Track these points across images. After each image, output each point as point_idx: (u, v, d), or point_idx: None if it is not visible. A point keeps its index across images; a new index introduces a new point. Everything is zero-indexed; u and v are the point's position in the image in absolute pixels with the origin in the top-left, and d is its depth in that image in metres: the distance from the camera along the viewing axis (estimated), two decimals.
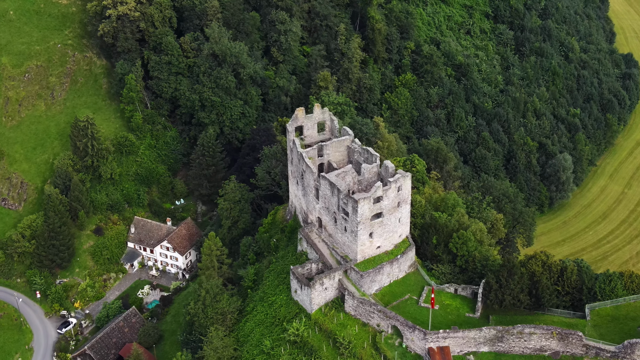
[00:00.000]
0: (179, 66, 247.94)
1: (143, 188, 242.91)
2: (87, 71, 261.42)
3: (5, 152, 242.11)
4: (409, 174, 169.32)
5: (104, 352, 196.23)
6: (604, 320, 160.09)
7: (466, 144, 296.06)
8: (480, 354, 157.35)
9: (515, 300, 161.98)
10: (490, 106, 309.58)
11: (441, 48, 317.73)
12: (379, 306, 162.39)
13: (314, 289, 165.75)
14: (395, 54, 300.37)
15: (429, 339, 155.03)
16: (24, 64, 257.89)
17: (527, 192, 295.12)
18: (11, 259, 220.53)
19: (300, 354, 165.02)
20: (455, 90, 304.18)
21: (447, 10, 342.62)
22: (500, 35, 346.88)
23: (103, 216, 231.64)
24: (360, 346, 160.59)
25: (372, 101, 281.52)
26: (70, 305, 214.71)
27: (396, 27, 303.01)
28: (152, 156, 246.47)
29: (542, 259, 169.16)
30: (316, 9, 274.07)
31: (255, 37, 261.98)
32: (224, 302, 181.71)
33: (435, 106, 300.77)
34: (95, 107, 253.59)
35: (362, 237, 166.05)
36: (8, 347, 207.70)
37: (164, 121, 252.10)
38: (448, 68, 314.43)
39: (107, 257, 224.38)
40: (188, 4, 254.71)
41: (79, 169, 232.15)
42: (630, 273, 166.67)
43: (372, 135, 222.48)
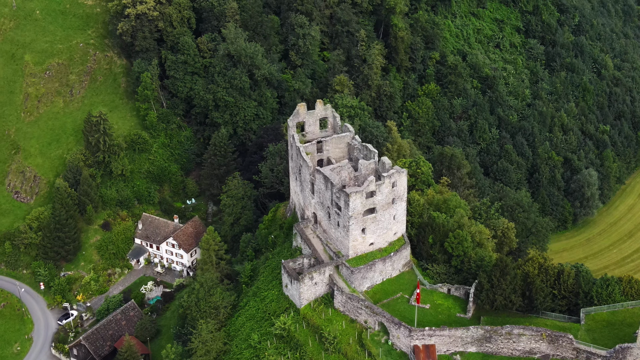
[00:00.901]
0: (195, 66, 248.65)
1: (154, 186, 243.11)
2: (107, 70, 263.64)
3: (22, 147, 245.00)
4: (404, 170, 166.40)
5: (99, 344, 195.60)
6: (599, 325, 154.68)
7: (488, 156, 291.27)
8: (467, 355, 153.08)
9: (507, 301, 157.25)
10: (515, 119, 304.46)
11: (467, 60, 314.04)
12: (367, 302, 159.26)
13: (303, 284, 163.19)
14: (420, 63, 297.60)
15: (414, 336, 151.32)
16: (46, 61, 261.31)
17: (550, 207, 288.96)
18: (18, 250, 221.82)
19: (286, 348, 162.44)
20: (479, 102, 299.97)
21: (477, 23, 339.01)
22: (530, 49, 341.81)
23: (112, 211, 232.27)
24: (346, 342, 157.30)
25: (393, 109, 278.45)
26: (72, 298, 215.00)
27: (421, 37, 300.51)
28: (165, 155, 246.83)
29: (539, 262, 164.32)
30: (337, 14, 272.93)
31: (274, 40, 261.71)
32: (217, 296, 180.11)
33: (459, 117, 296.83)
34: (112, 105, 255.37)
35: (354, 232, 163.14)
36: (8, 336, 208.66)
37: (179, 121, 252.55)
38: (474, 80, 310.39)
39: (112, 252, 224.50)
40: (207, 5, 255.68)
41: (90, 164, 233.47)
42: (629, 278, 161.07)
43: (382, 138, 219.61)
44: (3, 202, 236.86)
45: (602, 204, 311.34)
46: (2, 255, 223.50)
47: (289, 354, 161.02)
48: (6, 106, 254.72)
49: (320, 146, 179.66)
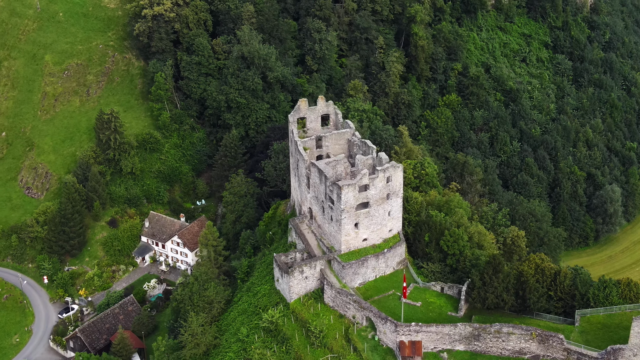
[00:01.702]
0: (209, 67, 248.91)
1: (164, 186, 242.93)
2: (125, 71, 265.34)
3: (36, 144, 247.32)
4: (400, 165, 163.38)
5: (95, 337, 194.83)
6: (594, 327, 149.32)
7: (509, 169, 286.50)
8: (455, 353, 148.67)
9: (499, 299, 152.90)
10: (538, 133, 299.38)
11: (491, 72, 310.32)
12: (355, 296, 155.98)
13: (293, 277, 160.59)
14: (441, 74, 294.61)
15: (400, 332, 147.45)
16: (65, 62, 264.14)
17: (571, 222, 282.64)
18: (24, 244, 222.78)
19: (273, 342, 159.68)
20: (501, 114, 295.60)
21: (504, 37, 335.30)
22: (558, 65, 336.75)
23: (119, 209, 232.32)
24: (332, 337, 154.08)
25: (411, 118, 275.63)
26: (74, 292, 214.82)
27: (444, 47, 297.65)
28: (176, 155, 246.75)
29: (536, 262, 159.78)
30: (356, 21, 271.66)
31: (290, 45, 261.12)
32: (211, 290, 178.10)
33: (479, 129, 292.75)
34: (127, 105, 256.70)
35: (347, 226, 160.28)
36: (9, 328, 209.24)
37: (193, 122, 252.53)
38: (497, 93, 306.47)
39: (117, 249, 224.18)
40: (223, 8, 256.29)
41: (100, 161, 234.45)
42: (627, 281, 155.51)
43: (392, 141, 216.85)
44: (15, 197, 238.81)
45: (627, 221, 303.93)
46: (9, 248, 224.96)
47: (275, 348, 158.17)
48: (24, 104, 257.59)
49: (319, 142, 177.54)
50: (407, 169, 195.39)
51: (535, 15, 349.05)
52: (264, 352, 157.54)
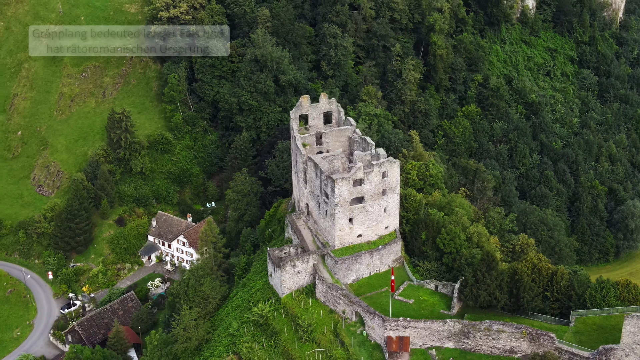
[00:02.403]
0: (223, 69, 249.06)
1: (174, 187, 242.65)
2: (141, 74, 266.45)
3: (50, 143, 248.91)
4: (397, 161, 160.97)
5: (92, 331, 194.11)
6: (589, 328, 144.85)
7: (527, 182, 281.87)
8: (444, 350, 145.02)
9: (492, 297, 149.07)
10: (559, 146, 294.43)
11: (513, 85, 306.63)
12: (345, 291, 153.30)
13: (284, 271, 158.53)
14: (461, 84, 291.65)
15: (387, 327, 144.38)
16: (83, 63, 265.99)
17: (590, 237, 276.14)
18: (31, 239, 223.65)
19: (262, 336, 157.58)
20: (522, 126, 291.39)
21: (529, 51, 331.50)
22: (583, 79, 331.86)
23: (128, 208, 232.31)
24: (321, 331, 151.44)
25: (428, 127, 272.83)
26: (78, 289, 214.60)
27: (465, 58, 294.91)
28: (188, 157, 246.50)
29: (534, 262, 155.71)
30: (374, 28, 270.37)
31: (306, 50, 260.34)
32: (207, 286, 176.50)
33: (499, 140, 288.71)
34: (142, 107, 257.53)
35: (341, 221, 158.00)
36: (11, 322, 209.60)
37: (206, 124, 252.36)
38: (519, 106, 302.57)
39: (123, 247, 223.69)
40: (239, 12, 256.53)
41: (111, 160, 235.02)
42: (626, 283, 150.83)
43: (401, 145, 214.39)
44: (26, 194, 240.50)
45: None
46: (16, 244, 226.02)
47: (263, 342, 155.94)
48: (41, 105, 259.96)
49: (320, 139, 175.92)
50: (411, 170, 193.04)
51: (561, 29, 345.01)
52: (252, 346, 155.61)
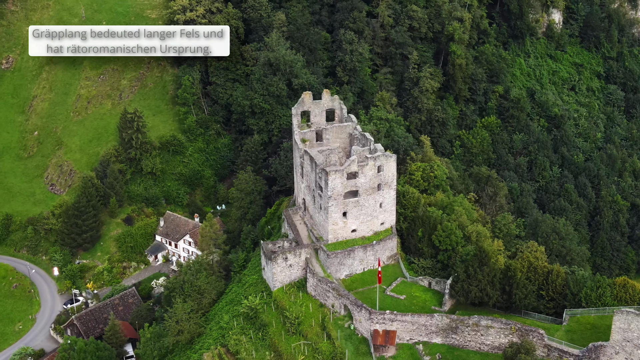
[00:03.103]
0: (236, 73, 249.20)
1: (185, 188, 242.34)
2: (159, 78, 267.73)
3: (65, 143, 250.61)
4: (393, 155, 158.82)
5: (91, 325, 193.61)
6: (583, 327, 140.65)
7: (547, 195, 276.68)
8: (431, 345, 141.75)
9: (483, 293, 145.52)
10: (581, 160, 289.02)
11: (536, 98, 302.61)
12: (334, 284, 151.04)
13: (276, 264, 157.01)
14: (481, 95, 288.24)
15: (374, 319, 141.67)
16: (102, 67, 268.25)
17: (610, 253, 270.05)
18: (39, 236, 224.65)
19: (251, 329, 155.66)
20: (543, 139, 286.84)
21: (554, 65, 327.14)
22: (609, 95, 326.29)
23: (137, 207, 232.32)
24: (308, 324, 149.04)
25: (446, 137, 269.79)
26: (82, 285, 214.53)
27: (486, 69, 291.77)
28: (200, 159, 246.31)
29: (530, 260, 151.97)
30: (391, 35, 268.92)
31: (321, 55, 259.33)
32: (202, 280, 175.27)
33: (518, 153, 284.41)
34: (157, 109, 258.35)
35: (334, 215, 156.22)
36: (13, 315, 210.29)
37: (219, 128, 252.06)
38: (541, 119, 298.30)
39: (130, 246, 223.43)
40: (255, 16, 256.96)
41: (122, 160, 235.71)
42: (624, 282, 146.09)
43: (410, 148, 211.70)
44: (38, 192, 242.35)
45: None
46: (25, 240, 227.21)
47: (251, 334, 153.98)
48: (59, 106, 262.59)
49: (320, 135, 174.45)
50: (415, 171, 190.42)
51: (588, 45, 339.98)
52: (240, 338, 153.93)
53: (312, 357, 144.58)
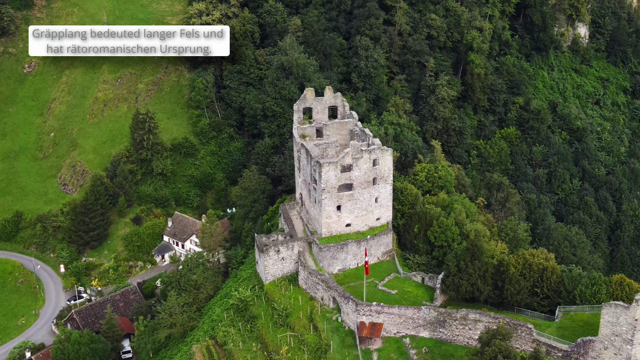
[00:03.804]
0: (250, 76, 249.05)
1: (195, 190, 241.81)
2: (175, 82, 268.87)
3: (79, 144, 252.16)
4: (389, 149, 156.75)
5: (90, 320, 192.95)
6: (576, 324, 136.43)
7: (566, 207, 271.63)
8: (419, 339, 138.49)
9: (474, 288, 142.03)
10: (603, 173, 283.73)
11: (558, 110, 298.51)
12: (324, 276, 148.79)
13: (267, 256, 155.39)
14: (501, 106, 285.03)
15: (360, 311, 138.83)
16: (120, 70, 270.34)
17: (631, 268, 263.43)
18: (47, 233, 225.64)
19: (241, 320, 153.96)
20: (563, 151, 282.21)
21: (579, 79, 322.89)
22: (635, 110, 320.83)
23: (146, 207, 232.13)
24: (297, 316, 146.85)
25: (462, 146, 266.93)
26: (87, 282, 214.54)
27: (506, 80, 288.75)
28: (212, 162, 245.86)
29: (526, 257, 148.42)
30: (408, 43, 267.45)
31: (336, 61, 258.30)
32: (198, 274, 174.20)
33: (538, 164, 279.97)
34: (172, 112, 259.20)
35: (328, 208, 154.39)
36: (18, 310, 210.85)
37: (232, 131, 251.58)
38: (563, 132, 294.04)
39: (137, 245, 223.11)
40: (271, 21, 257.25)
41: (133, 160, 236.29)
42: (620, 280, 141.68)
43: (418, 151, 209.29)
44: (51, 192, 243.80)
45: None
46: (33, 237, 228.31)
47: (240, 326, 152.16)
48: (76, 109, 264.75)
49: (320, 131, 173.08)
50: (419, 172, 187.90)
51: (615, 59, 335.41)
52: (229, 330, 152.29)
53: (297, 348, 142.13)
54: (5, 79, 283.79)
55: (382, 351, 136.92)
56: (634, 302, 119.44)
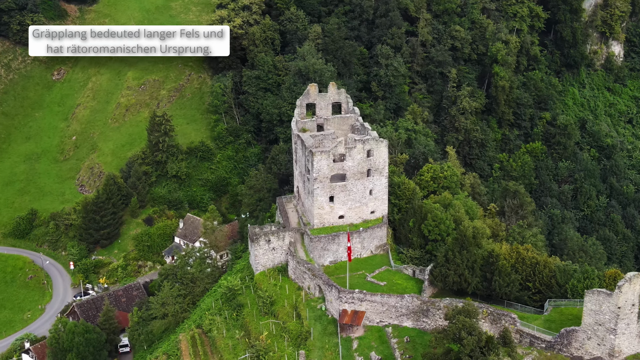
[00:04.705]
0: (268, 82, 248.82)
1: (210, 194, 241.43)
2: (197, 89, 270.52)
3: (99, 147, 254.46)
4: (384, 140, 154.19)
5: (91, 313, 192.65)
6: (565, 318, 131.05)
7: (591, 224, 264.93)
8: (401, 329, 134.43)
9: (461, 279, 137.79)
10: (632, 191, 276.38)
11: (587, 127, 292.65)
12: (310, 265, 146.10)
13: (258, 246, 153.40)
14: (527, 121, 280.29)
15: (343, 298, 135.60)
16: (144, 77, 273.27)
17: None
18: (59, 231, 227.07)
19: (229, 309, 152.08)
20: (591, 167, 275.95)
21: (611, 98, 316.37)
22: None
23: (159, 209, 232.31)
24: (281, 305, 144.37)
25: (485, 159, 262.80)
26: (95, 280, 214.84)
27: (534, 95, 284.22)
28: (228, 167, 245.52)
29: (519, 251, 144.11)
30: (431, 54, 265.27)
31: (357, 70, 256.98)
32: (195, 267, 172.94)
33: (563, 180, 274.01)
34: (191, 118, 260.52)
35: (320, 198, 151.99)
36: (25, 305, 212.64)
37: (250, 137, 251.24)
38: (592, 149, 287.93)
39: (147, 245, 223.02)
40: (292, 28, 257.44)
41: (149, 162, 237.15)
42: (614, 275, 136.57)
43: (430, 154, 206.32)
44: (68, 192, 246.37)
45: None
46: (46, 235, 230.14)
47: (226, 314, 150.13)
48: (99, 113, 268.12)
49: (321, 125, 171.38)
50: (425, 173, 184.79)
51: None
52: (215, 318, 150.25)
53: (279, 335, 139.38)
54: (34, 85, 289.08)
55: (363, 339, 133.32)
56: (617, 288, 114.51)
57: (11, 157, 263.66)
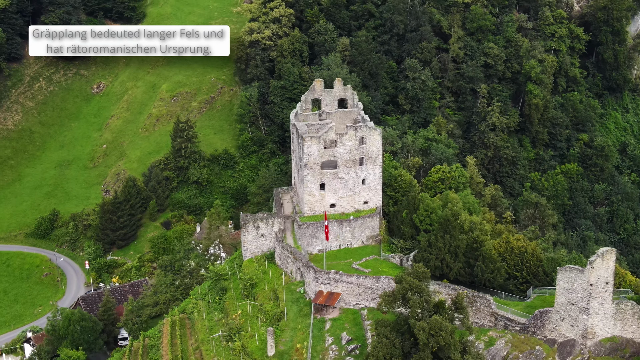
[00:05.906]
0: (293, 92, 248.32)
1: (231, 202, 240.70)
2: (228, 101, 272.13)
3: (127, 155, 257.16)
4: (378, 128, 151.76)
5: (94, 306, 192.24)
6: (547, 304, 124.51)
7: (627, 248, 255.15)
8: (377, 312, 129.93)
9: (443, 264, 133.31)
10: None
11: (628, 151, 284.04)
12: (292, 248, 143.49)
13: (246, 231, 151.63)
14: (563, 142, 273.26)
15: (318, 279, 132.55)
16: (177, 89, 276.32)
17: None
18: (78, 231, 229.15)
19: (213, 293, 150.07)
20: (628, 190, 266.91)
21: None
22: None
23: (177, 213, 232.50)
24: (261, 288, 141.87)
25: (515, 177, 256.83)
26: (108, 279, 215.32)
27: (572, 117, 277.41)
28: (250, 176, 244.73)
29: (509, 240, 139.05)
30: (462, 69, 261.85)
31: (384, 82, 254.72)
32: (193, 259, 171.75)
33: (599, 203, 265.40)
34: (219, 129, 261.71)
35: (310, 185, 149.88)
36: (37, 300, 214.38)
37: (275, 147, 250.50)
38: (633, 173, 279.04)
39: (162, 247, 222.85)
40: (320, 40, 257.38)
41: (171, 167, 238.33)
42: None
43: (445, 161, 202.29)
44: (92, 196, 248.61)
45: None
46: (66, 235, 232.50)
47: (208, 297, 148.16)
48: (131, 123, 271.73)
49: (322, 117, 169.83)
50: (433, 174, 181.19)
51: None
52: (198, 302, 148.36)
53: (255, 317, 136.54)
54: (74, 97, 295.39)
55: (336, 320, 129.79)
56: (588, 264, 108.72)
57: (43, 163, 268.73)
